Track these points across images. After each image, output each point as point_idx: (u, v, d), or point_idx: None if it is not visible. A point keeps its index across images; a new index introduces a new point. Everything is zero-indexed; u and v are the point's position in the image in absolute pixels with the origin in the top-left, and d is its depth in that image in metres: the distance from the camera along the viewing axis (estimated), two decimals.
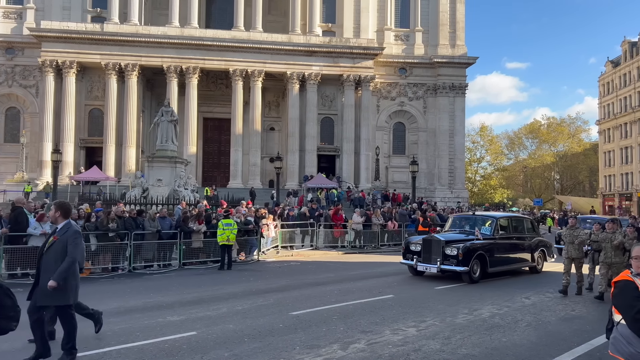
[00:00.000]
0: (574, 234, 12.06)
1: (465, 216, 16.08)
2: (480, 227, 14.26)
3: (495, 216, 15.04)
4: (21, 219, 12.80)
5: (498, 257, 13.89)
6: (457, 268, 12.81)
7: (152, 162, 22.42)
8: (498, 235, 14.10)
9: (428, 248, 13.49)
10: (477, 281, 12.95)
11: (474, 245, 13.09)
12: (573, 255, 11.98)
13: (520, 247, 14.98)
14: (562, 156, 73.82)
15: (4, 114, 42.54)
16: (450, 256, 12.91)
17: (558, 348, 7.31)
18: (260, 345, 7.08)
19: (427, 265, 13.39)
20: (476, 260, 13.02)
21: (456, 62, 45.88)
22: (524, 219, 16.54)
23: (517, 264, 14.89)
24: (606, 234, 11.57)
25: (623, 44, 65.76)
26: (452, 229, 15.11)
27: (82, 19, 42.20)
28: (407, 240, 14.85)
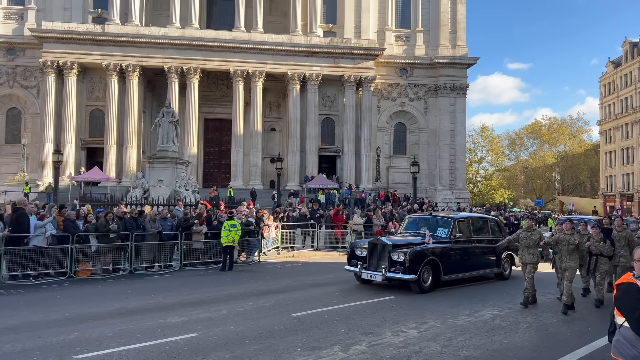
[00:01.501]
0: (531, 236, 10.76)
1: (422, 217, 14.43)
2: (436, 229, 12.87)
3: (452, 217, 13.48)
4: (22, 220, 12.80)
5: (455, 263, 12.53)
6: (404, 276, 11.29)
7: (153, 163, 22.43)
8: (455, 238, 12.65)
9: (374, 253, 11.96)
10: (428, 291, 11.53)
11: (424, 250, 11.66)
12: (526, 259, 10.69)
13: (483, 251, 13.58)
14: (563, 157, 73.75)
15: (5, 114, 42.57)
16: (397, 262, 11.42)
17: (559, 350, 7.31)
18: (261, 346, 7.08)
19: (372, 273, 11.81)
20: (427, 266, 11.60)
21: (457, 62, 45.86)
22: (488, 220, 15.16)
23: (479, 270, 13.44)
24: (563, 236, 10.33)
25: (624, 45, 65.70)
26: (406, 231, 13.63)
27: (83, 19, 42.23)
28: (353, 244, 13.24)
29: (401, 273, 11.34)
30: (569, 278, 9.98)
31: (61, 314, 8.93)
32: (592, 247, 10.78)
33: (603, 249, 10.71)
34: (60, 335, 7.53)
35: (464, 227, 13.25)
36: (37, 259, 12.84)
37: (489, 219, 15.35)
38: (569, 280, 9.96)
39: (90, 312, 9.14)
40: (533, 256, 10.63)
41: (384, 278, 11.56)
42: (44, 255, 12.99)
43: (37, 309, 9.43)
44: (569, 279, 9.96)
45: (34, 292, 11.39)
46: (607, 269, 10.92)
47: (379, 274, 11.64)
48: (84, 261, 13.82)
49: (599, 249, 10.73)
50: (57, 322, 8.34)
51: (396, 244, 11.94)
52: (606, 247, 10.70)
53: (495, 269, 13.95)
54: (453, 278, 12.50)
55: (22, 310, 9.32)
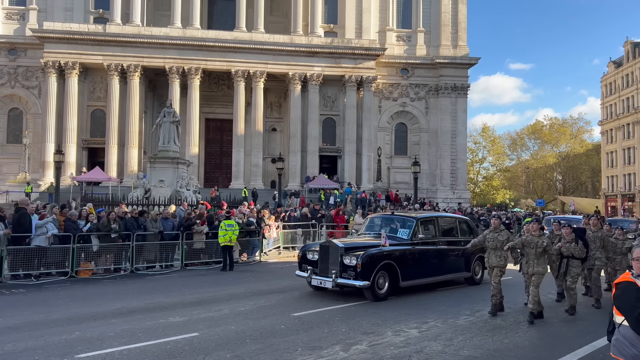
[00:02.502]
0: (498, 237, 9.73)
1: (384, 216, 13.18)
2: (397, 230, 11.84)
3: (415, 216, 12.29)
4: (24, 220, 12.83)
5: (417, 267, 11.48)
6: (355, 282, 10.21)
7: (154, 163, 22.48)
8: (417, 239, 11.56)
9: (325, 257, 10.83)
10: (383, 298, 10.45)
11: (378, 253, 10.55)
12: (493, 262, 9.68)
13: (451, 254, 12.50)
14: (565, 157, 73.68)
15: (6, 114, 42.64)
16: (349, 267, 10.32)
17: (560, 350, 7.31)
18: (262, 346, 7.09)
19: (322, 279, 10.68)
20: (382, 272, 10.51)
21: (458, 62, 45.85)
22: (457, 220, 13.84)
23: (445, 274, 12.34)
24: (530, 237, 9.35)
25: (625, 45, 65.63)
26: (367, 232, 12.51)
27: (85, 20, 42.28)
28: (304, 247, 12.09)
29: (352, 279, 10.23)
30: (535, 284, 9.12)
31: (63, 314, 8.96)
32: (563, 249, 9.91)
33: (574, 251, 9.85)
34: (62, 335, 7.55)
35: (428, 227, 12.22)
36: (38, 258, 12.87)
37: (459, 219, 14.09)
38: (535, 286, 9.10)
39: (92, 311, 9.16)
40: (500, 259, 9.62)
41: (335, 285, 10.47)
42: (46, 255, 13.03)
43: (38, 308, 9.46)
44: (536, 285, 9.11)
45: (36, 291, 11.42)
46: (579, 273, 10.15)
47: (329, 280, 10.52)
48: (86, 261, 13.85)
49: (570, 250, 9.89)
50: (59, 322, 8.36)
51: (349, 246, 10.82)
52: (577, 249, 9.85)
53: (465, 273, 12.86)
54: (414, 284, 11.40)
55: (24, 310, 9.34)
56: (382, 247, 10.71)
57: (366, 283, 10.19)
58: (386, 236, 10.88)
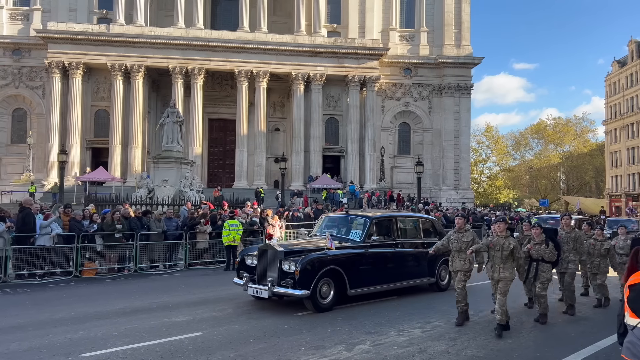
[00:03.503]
0: (463, 238, 8.84)
1: (337, 216, 11.98)
2: (349, 231, 10.70)
3: (369, 216, 11.04)
4: (28, 219, 12.89)
5: (369, 272, 10.24)
6: (294, 291, 8.98)
7: (157, 163, 22.54)
8: (371, 242, 10.36)
9: (263, 262, 9.65)
10: (327, 309, 9.27)
11: (321, 258, 9.35)
12: (457, 266, 8.83)
13: (412, 258, 11.34)
14: (568, 156, 73.47)
15: (10, 115, 42.81)
16: (288, 274, 9.16)
17: (564, 350, 7.29)
18: (266, 345, 7.10)
19: (258, 287, 9.41)
20: (326, 279, 9.34)
21: (461, 62, 45.78)
22: (420, 220, 12.52)
23: (404, 280, 11.12)
24: (496, 239, 8.37)
25: (630, 44, 65.39)
26: (318, 233, 11.36)
27: (88, 20, 42.41)
28: (243, 252, 10.93)
29: (291, 287, 9.04)
30: (502, 291, 8.17)
31: (67, 313, 8.99)
32: (532, 251, 8.99)
33: (544, 253, 8.95)
34: (66, 334, 7.58)
35: (384, 228, 11.08)
36: (43, 258, 12.93)
37: (422, 218, 12.79)
38: (502, 294, 8.16)
39: (96, 311, 9.20)
40: (464, 262, 8.75)
41: (272, 294, 9.20)
42: (50, 255, 13.08)
43: (43, 307, 9.50)
44: (503, 293, 8.17)
45: (40, 291, 11.47)
46: (550, 278, 9.09)
47: (265, 288, 9.25)
48: (90, 260, 13.91)
49: (539, 253, 8.98)
50: (63, 321, 8.39)
51: (290, 250, 9.64)
52: (547, 251, 8.93)
53: (429, 279, 11.66)
54: (366, 292, 10.17)
55: (29, 309, 9.38)
56: (327, 251, 9.46)
57: (305, 292, 8.96)
58: (331, 238, 9.60)
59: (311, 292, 9.03)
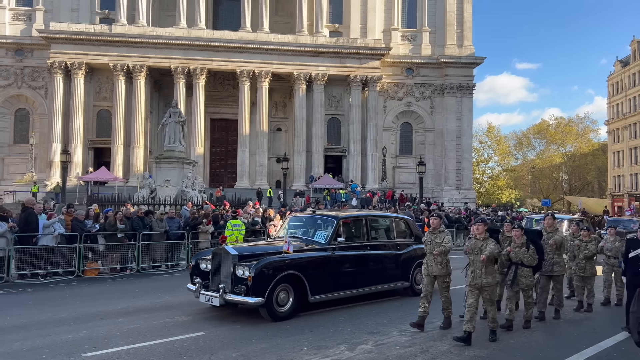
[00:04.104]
0: (436, 240, 8.19)
1: (304, 217, 11.08)
2: (314, 233, 9.97)
3: (335, 216, 10.17)
4: (31, 219, 12.92)
5: (334, 277, 9.45)
6: (247, 299, 8.24)
7: (159, 163, 22.57)
8: (337, 244, 9.58)
9: (217, 266, 8.89)
10: (285, 317, 8.55)
11: (278, 262, 8.60)
12: (433, 271, 8.13)
13: (384, 261, 10.56)
14: (571, 156, 73.32)
15: (13, 115, 42.92)
16: (242, 279, 8.44)
17: (566, 350, 7.28)
18: (268, 345, 7.10)
19: (210, 295, 8.65)
20: (284, 284, 8.62)
21: (463, 62, 45.75)
22: (394, 220, 11.60)
23: (374, 285, 10.32)
24: (475, 241, 7.72)
25: (632, 44, 65.23)
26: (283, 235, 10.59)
27: (91, 20, 42.51)
28: (197, 255, 9.99)
29: (244, 294, 8.31)
30: (490, 300, 7.63)
31: (69, 313, 9.00)
32: (512, 254, 8.32)
33: (524, 257, 8.24)
34: (69, 334, 7.59)
35: (353, 229, 10.34)
36: (45, 258, 12.95)
37: (396, 218, 11.89)
38: (490, 302, 7.63)
39: (98, 310, 9.21)
40: (442, 266, 8.11)
41: (223, 301, 8.44)
42: (53, 255, 13.10)
43: (45, 307, 9.51)
44: (491, 301, 7.63)
45: (43, 291, 11.49)
46: (529, 283, 8.43)
47: (216, 295, 8.50)
48: (92, 260, 13.93)
49: (519, 256, 8.30)
50: (66, 321, 8.40)
51: (245, 253, 8.85)
52: (527, 255, 8.21)
53: (402, 283, 10.81)
54: (330, 298, 9.40)
55: (31, 309, 9.40)
56: (285, 255, 8.72)
57: (259, 300, 8.25)
58: (289, 241, 8.90)
59: (266, 300, 8.31)
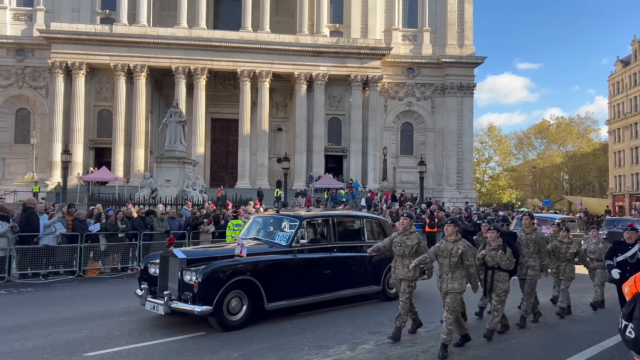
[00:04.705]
0: (407, 242, 7.63)
1: (266, 217, 10.40)
2: (275, 234, 9.33)
3: (299, 216, 9.52)
4: (32, 219, 12.93)
5: (295, 282, 8.80)
6: (193, 307, 7.55)
7: (160, 163, 22.57)
8: (300, 245, 8.98)
9: (164, 271, 8.24)
10: (237, 327, 7.87)
11: (228, 266, 7.94)
12: (400, 274, 7.60)
13: (353, 264, 9.90)
14: (571, 156, 73.27)
15: (14, 115, 42.96)
16: (189, 286, 7.76)
17: (568, 350, 7.28)
18: (269, 345, 7.11)
19: (156, 302, 7.98)
20: (237, 291, 7.96)
21: (464, 62, 45.74)
22: (364, 220, 10.87)
23: (343, 290, 9.64)
24: (445, 244, 7.16)
25: (633, 43, 65.20)
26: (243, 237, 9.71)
27: (91, 20, 42.53)
28: (146, 259, 9.24)
29: (190, 302, 7.65)
30: (450, 307, 6.93)
31: (71, 312, 9.01)
32: (488, 257, 7.81)
33: (501, 261, 7.71)
34: (70, 333, 7.60)
35: (319, 229, 9.75)
36: (47, 258, 12.97)
37: (367, 218, 11.18)
38: (450, 309, 6.93)
39: (99, 310, 9.22)
40: (409, 270, 7.50)
41: (169, 309, 7.77)
42: (54, 254, 13.12)
43: (47, 307, 9.52)
44: (451, 308, 6.94)
45: (44, 290, 11.50)
46: (506, 289, 7.81)
47: (161, 303, 7.85)
48: (93, 260, 13.94)
49: (495, 259, 7.77)
50: (67, 320, 8.41)
51: (194, 257, 8.23)
52: (504, 258, 7.68)
53: (374, 287, 10.19)
54: (291, 305, 8.74)
55: (33, 309, 9.40)
56: (237, 258, 8.07)
57: (206, 308, 7.54)
58: (242, 243, 8.25)
59: (215, 308, 7.61)
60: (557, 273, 9.75)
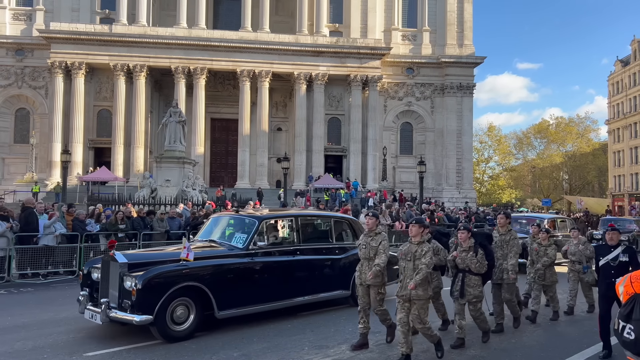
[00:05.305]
0: (371, 243, 6.98)
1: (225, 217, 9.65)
2: (232, 236, 8.66)
3: (257, 216, 8.89)
4: (31, 219, 12.94)
5: (251, 288, 8.16)
6: (132, 316, 6.91)
7: (160, 163, 22.58)
8: (257, 248, 8.33)
9: (105, 277, 7.57)
10: (184, 337, 7.25)
11: (172, 272, 7.30)
12: (367, 279, 6.94)
13: (318, 267, 9.25)
14: (571, 156, 73.29)
15: (13, 114, 42.93)
16: (129, 293, 7.10)
17: (567, 349, 7.28)
18: (269, 345, 7.11)
19: (94, 311, 7.34)
20: (183, 298, 7.31)
21: (464, 61, 45.75)
22: (333, 220, 10.15)
23: (306, 295, 8.98)
24: (408, 246, 6.54)
25: (632, 43, 65.23)
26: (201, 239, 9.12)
27: (91, 20, 42.50)
28: (89, 263, 8.53)
29: (129, 311, 7.01)
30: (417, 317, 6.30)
31: (71, 312, 8.98)
32: (458, 260, 7.23)
33: (471, 263, 7.12)
34: (70, 334, 7.61)
35: (280, 230, 9.13)
36: (46, 257, 12.97)
37: (335, 218, 10.41)
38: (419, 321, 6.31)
39: None
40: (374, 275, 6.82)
41: (107, 319, 7.09)
42: (54, 254, 13.12)
43: (47, 307, 9.53)
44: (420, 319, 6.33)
45: (44, 290, 11.50)
46: (478, 295, 7.21)
47: (99, 311, 7.17)
48: None
49: (466, 262, 7.18)
50: (67, 320, 8.42)
51: (137, 261, 7.50)
52: (475, 261, 7.09)
53: (342, 292, 9.45)
54: (246, 312, 8.08)
55: (33, 309, 9.41)
56: (184, 263, 7.42)
57: (146, 318, 6.89)
58: (188, 246, 7.52)
59: (156, 318, 6.95)
60: (536, 277, 9.21)
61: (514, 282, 8.15)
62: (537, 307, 9.02)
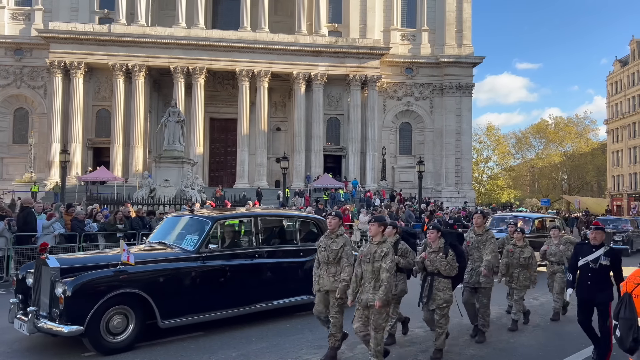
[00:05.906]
0: (332, 245, 6.46)
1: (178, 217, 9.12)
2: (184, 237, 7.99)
3: (210, 217, 8.21)
4: (30, 219, 12.90)
5: (201, 295, 7.53)
6: (61, 327, 6.35)
7: (159, 163, 22.57)
8: (209, 251, 7.72)
9: (37, 283, 7.01)
10: (122, 348, 6.68)
11: (107, 277, 6.71)
12: (325, 284, 6.49)
13: (278, 271, 8.56)
14: (570, 156, 73.33)
15: (12, 114, 42.87)
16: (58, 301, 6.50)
17: (566, 349, 7.29)
18: (268, 345, 7.11)
19: (23, 321, 6.73)
20: (121, 307, 6.72)
21: (463, 61, 45.77)
22: (297, 220, 9.40)
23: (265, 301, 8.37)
24: (368, 247, 6.01)
25: (631, 43, 65.30)
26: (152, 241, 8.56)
27: (90, 20, 42.45)
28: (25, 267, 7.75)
29: (57, 321, 6.42)
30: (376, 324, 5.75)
31: None
32: (427, 261, 6.73)
33: (441, 266, 6.61)
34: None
35: (235, 232, 8.58)
36: None
37: (300, 218, 9.65)
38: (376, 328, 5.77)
39: None
40: (335, 279, 6.38)
41: (33, 329, 6.52)
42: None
43: None
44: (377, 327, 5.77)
45: None
46: (447, 299, 6.67)
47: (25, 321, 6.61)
48: None
49: (435, 264, 6.67)
50: None
51: (71, 266, 6.91)
52: (445, 263, 6.57)
53: (306, 297, 8.53)
54: (193, 321, 7.49)
55: None
56: (122, 267, 6.79)
57: (76, 329, 6.31)
58: (127, 249, 6.93)
59: (87, 328, 6.36)
60: (511, 280, 8.64)
61: (490, 287, 7.59)
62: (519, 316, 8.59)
